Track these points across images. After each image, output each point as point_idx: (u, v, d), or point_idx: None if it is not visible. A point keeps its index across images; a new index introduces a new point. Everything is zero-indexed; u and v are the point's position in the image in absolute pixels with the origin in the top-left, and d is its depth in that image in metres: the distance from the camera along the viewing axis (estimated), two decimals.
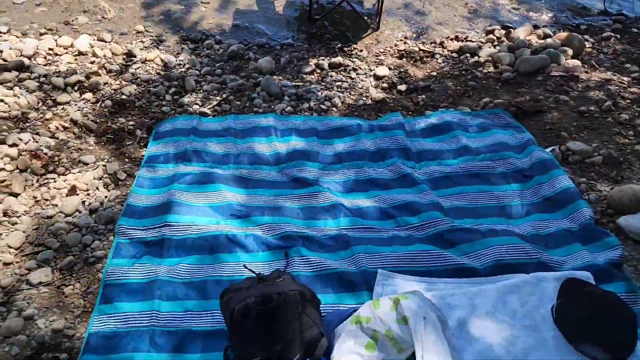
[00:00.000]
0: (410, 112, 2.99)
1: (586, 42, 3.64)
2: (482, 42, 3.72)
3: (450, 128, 2.76)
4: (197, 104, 3.00)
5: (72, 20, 3.69)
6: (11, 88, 2.84)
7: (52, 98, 2.86)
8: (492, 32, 3.84)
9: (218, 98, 3.05)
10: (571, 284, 1.76)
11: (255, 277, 1.64)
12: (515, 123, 2.81)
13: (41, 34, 3.48)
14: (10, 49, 3.17)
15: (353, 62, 3.44)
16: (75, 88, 2.97)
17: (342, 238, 2.08)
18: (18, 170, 2.33)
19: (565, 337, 1.62)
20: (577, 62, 3.36)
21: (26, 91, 2.84)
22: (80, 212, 2.20)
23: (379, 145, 2.66)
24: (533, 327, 1.66)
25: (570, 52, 3.44)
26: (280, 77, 3.26)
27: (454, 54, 3.60)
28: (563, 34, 3.64)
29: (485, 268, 1.91)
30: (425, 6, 4.26)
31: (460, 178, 2.43)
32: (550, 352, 1.59)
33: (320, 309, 1.67)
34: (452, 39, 3.78)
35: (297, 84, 3.20)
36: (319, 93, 3.10)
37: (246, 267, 1.75)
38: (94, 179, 2.36)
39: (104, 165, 2.45)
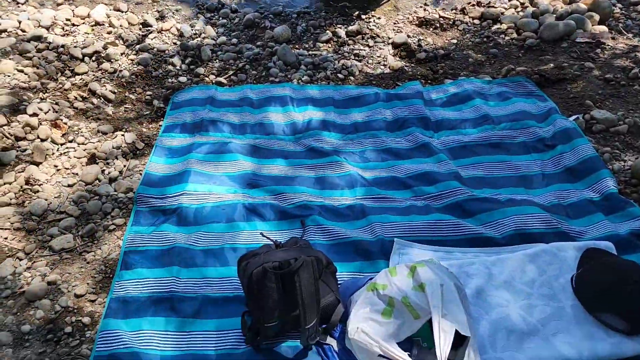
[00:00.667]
0: (429, 81, 2.93)
1: (614, 7, 3.49)
2: (505, 8, 3.60)
3: (470, 97, 2.69)
4: (213, 73, 2.98)
5: None
6: (30, 59, 2.86)
7: (71, 68, 2.88)
8: None
9: (234, 67, 3.03)
10: (592, 254, 1.74)
11: (272, 244, 1.66)
12: (538, 91, 2.73)
13: (58, 5, 3.47)
14: (29, 19, 3.18)
15: (371, 30, 3.36)
16: (93, 58, 2.98)
17: (358, 207, 2.07)
18: (39, 140, 2.37)
19: (584, 306, 1.60)
20: (603, 28, 3.23)
21: (45, 61, 2.86)
22: (100, 180, 2.23)
23: (397, 114, 2.62)
24: (551, 297, 1.65)
25: (596, 17, 3.30)
26: (297, 46, 3.21)
27: (476, 21, 3.49)
28: None
29: (504, 237, 1.89)
30: None
31: (480, 148, 2.39)
32: (569, 321, 1.58)
33: (337, 277, 1.68)
34: (473, 5, 3.66)
35: (313, 52, 3.15)
36: (336, 62, 3.05)
37: (263, 235, 1.76)
38: (113, 148, 2.38)
39: (123, 135, 2.47)
